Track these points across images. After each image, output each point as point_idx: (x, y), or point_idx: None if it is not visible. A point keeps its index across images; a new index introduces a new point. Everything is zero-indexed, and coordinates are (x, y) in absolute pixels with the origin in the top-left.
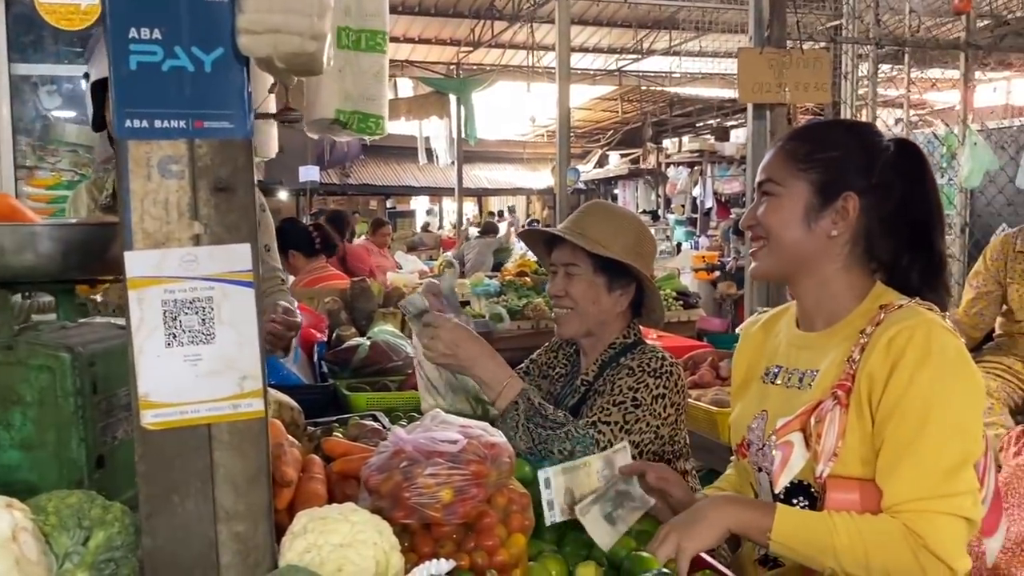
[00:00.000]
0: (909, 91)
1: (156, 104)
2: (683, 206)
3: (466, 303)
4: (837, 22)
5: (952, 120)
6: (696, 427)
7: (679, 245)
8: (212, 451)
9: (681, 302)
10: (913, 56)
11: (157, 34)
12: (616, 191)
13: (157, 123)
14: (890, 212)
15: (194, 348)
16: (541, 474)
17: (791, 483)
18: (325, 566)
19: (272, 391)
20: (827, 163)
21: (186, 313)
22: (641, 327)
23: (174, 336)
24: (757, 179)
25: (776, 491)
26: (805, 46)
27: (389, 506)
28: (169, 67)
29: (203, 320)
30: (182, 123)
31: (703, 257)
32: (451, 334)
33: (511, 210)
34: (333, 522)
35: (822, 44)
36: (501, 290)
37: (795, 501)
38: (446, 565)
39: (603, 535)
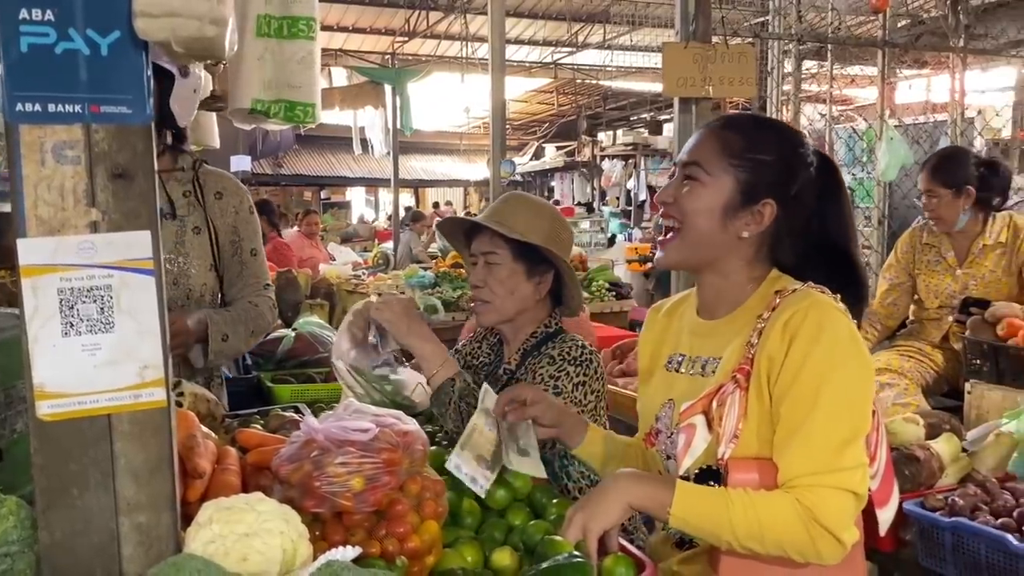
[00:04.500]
0: (832, 87)
1: (49, 88)
2: (618, 198)
3: (401, 295)
4: (764, 18)
5: (873, 116)
6: (623, 414)
7: (613, 237)
8: (112, 442)
9: (614, 293)
10: (836, 53)
11: (49, 15)
12: (553, 183)
13: (51, 107)
14: (800, 225)
15: (92, 337)
16: (449, 466)
17: (700, 469)
18: (230, 556)
19: (188, 383)
20: (757, 165)
21: (83, 302)
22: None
23: (71, 325)
24: (684, 158)
25: (681, 473)
26: (731, 42)
27: (299, 495)
28: (63, 50)
29: (102, 309)
30: (77, 107)
31: (636, 249)
32: (407, 304)
33: (436, 205)
34: (239, 512)
35: (747, 40)
36: (436, 281)
37: (707, 485)
38: (351, 552)
39: (532, 468)
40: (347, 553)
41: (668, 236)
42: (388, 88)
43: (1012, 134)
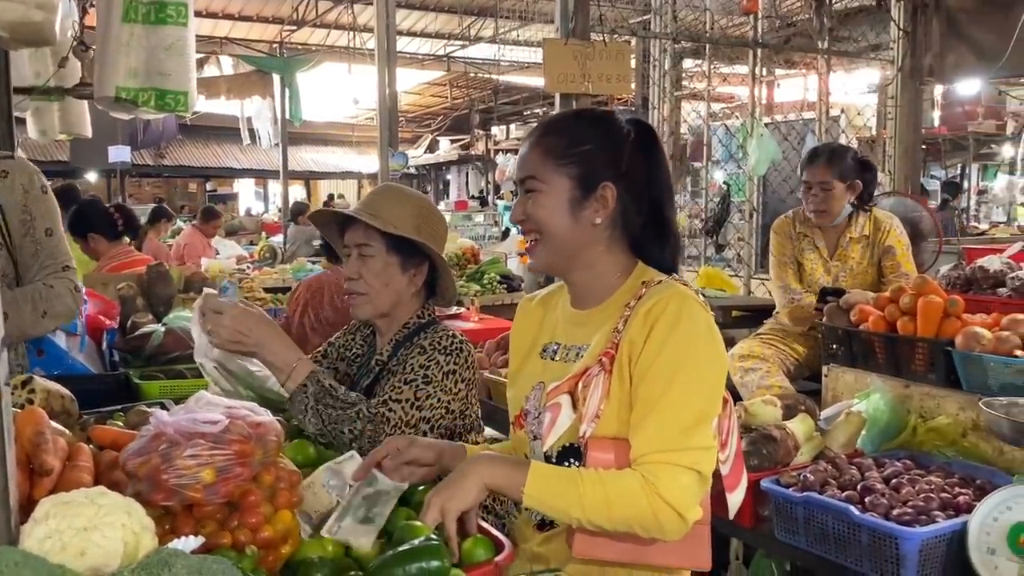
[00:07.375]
0: (709, 85)
1: None
2: (512, 192)
3: (287, 289)
4: (647, 17)
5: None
6: (505, 403)
7: (507, 231)
8: None
9: (505, 285)
10: (714, 53)
11: None
12: (448, 177)
13: None
14: (641, 195)
15: None
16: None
17: (564, 446)
18: (67, 550)
19: (40, 379)
20: (582, 157)
21: None
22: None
23: None
24: (519, 175)
25: (545, 449)
26: (610, 40)
27: (148, 489)
28: None
29: None
30: None
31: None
32: (236, 317)
33: (331, 197)
34: (77, 506)
35: (624, 38)
36: None
37: (567, 462)
38: (193, 542)
39: (365, 539)
40: (188, 543)
41: (532, 243)
42: (276, 78)
43: (877, 132)
